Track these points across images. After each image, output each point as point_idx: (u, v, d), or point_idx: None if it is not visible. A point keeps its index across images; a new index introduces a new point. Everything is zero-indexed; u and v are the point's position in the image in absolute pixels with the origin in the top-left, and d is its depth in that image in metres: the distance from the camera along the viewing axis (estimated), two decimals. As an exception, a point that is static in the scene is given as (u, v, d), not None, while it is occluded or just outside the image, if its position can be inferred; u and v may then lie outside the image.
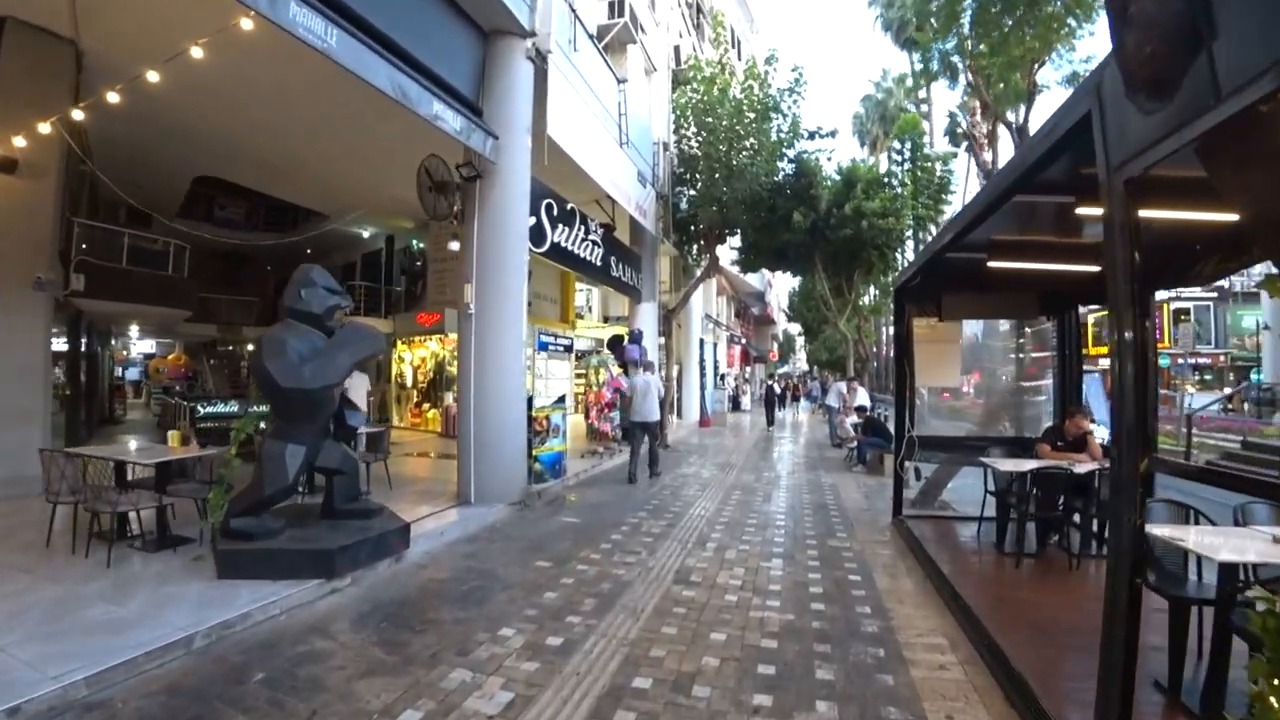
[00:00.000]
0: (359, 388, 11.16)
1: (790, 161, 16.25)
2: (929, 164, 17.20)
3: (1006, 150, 17.92)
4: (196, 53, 6.24)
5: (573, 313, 17.78)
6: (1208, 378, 34.02)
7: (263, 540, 5.15)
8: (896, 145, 17.91)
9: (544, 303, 16.70)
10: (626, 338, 13.83)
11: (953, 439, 7.46)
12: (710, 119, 14.17)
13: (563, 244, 9.61)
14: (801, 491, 9.10)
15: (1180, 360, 28.53)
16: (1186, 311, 35.93)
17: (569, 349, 9.58)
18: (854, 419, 12.64)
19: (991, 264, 5.30)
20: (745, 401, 27.91)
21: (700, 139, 14.50)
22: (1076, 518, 5.65)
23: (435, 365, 16.37)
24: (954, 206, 16.87)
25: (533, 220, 8.54)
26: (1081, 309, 7.03)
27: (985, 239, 5.19)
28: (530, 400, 8.54)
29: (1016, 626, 3.94)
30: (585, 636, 4.07)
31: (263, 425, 5.77)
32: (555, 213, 9.23)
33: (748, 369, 37.59)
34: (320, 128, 10.32)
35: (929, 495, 7.75)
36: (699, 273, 17.46)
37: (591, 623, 4.29)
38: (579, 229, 10.17)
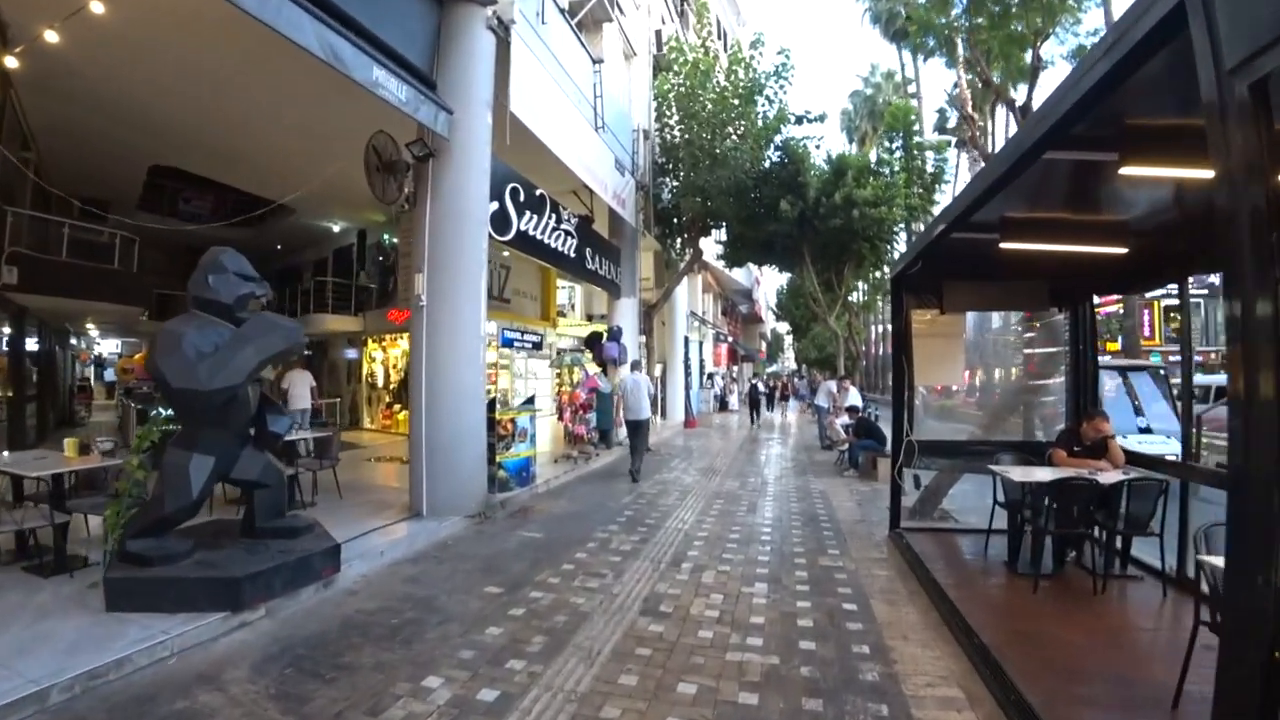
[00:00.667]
0: (301, 384, 10.41)
1: (777, 149, 15.58)
2: (922, 151, 16.53)
3: (1002, 144, 17.28)
4: (98, 8, 5.50)
5: (554, 310, 17.02)
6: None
7: (163, 565, 4.42)
8: (885, 130, 17.27)
9: (524, 299, 15.93)
10: (605, 335, 13.15)
11: (955, 444, 6.76)
12: (695, 105, 13.49)
13: (531, 233, 8.87)
14: (789, 499, 8.42)
15: (1171, 358, 28.13)
16: (1177, 308, 35.67)
17: (538, 345, 8.81)
18: (845, 420, 11.98)
19: (1004, 245, 4.62)
20: (733, 401, 27.24)
21: (683, 126, 13.82)
22: (1094, 530, 4.98)
23: (408, 365, 15.57)
24: (946, 198, 16.24)
25: (495, 205, 7.81)
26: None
27: (996, 217, 4.53)
28: (493, 402, 7.83)
29: (1047, 672, 3.28)
30: (526, 689, 3.36)
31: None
32: (522, 198, 8.49)
33: (735, 368, 36.97)
34: (273, 110, 9.50)
35: (928, 504, 7.08)
36: (682, 267, 16.78)
37: (536, 669, 3.58)
38: (549, 217, 9.44)
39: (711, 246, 21.53)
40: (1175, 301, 35.39)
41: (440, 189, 6.91)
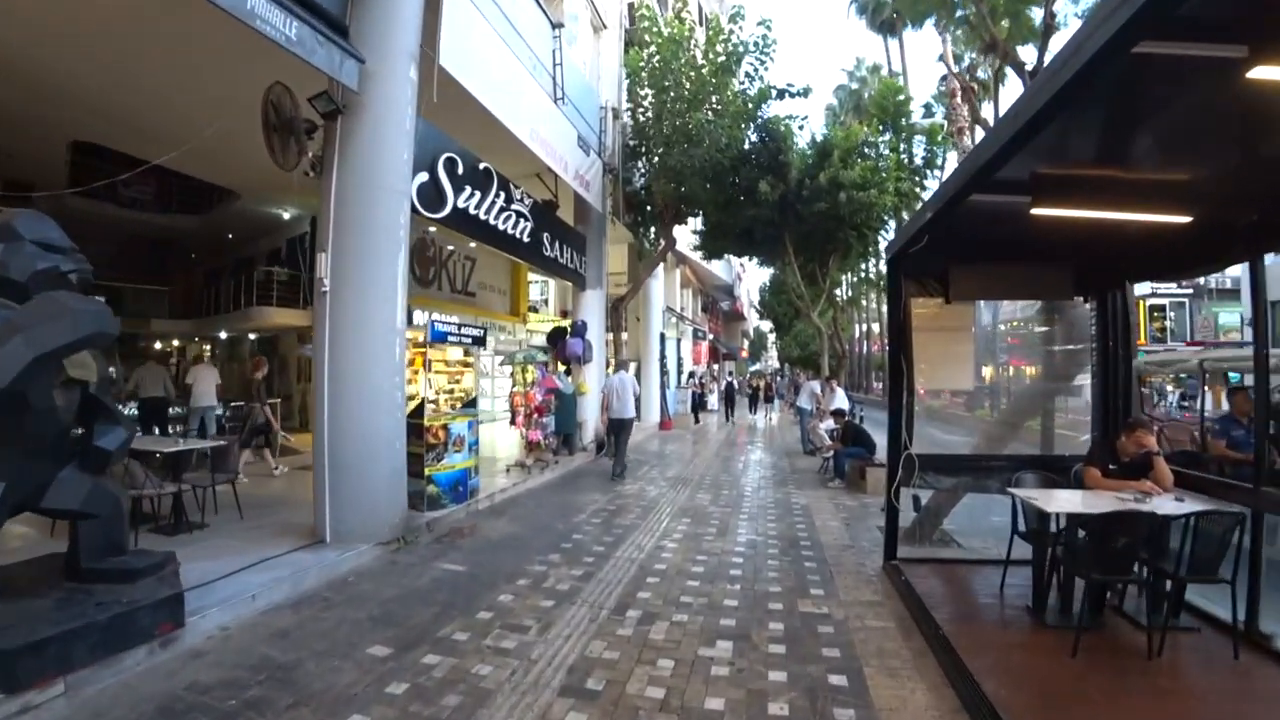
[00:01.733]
0: (206, 381, 9.24)
1: (757, 129, 14.51)
2: (912, 134, 15.54)
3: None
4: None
5: (524, 305, 15.88)
6: (1184, 375, 33.24)
7: (-66, 628, 3.29)
8: (873, 112, 16.25)
9: (491, 294, 14.75)
10: (569, 331, 12.07)
11: (961, 458, 5.68)
12: (668, 82, 12.42)
13: (472, 211, 7.71)
14: (766, 517, 7.37)
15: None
16: (1161, 308, 35.31)
17: (480, 340, 7.63)
18: (830, 424, 10.97)
19: (1036, 210, 3.61)
20: (712, 401, 26.19)
21: (655, 103, 12.75)
22: (1141, 569, 3.97)
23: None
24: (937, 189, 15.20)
25: (425, 177, 6.69)
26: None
27: (1025, 173, 3.52)
28: (420, 407, 6.73)
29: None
30: (364, 840, 2.28)
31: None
32: (460, 171, 7.35)
33: (716, 366, 35.96)
34: (187, 73, 8.25)
35: (926, 525, 6.06)
36: (655, 255, 15.70)
37: (392, 798, 2.50)
38: (496, 195, 8.29)
39: (688, 237, 20.52)
40: (1159, 301, 35.15)
41: (351, 152, 5.77)
